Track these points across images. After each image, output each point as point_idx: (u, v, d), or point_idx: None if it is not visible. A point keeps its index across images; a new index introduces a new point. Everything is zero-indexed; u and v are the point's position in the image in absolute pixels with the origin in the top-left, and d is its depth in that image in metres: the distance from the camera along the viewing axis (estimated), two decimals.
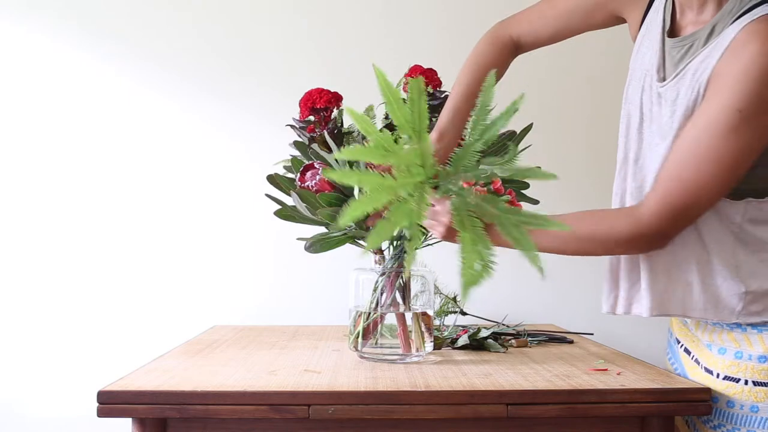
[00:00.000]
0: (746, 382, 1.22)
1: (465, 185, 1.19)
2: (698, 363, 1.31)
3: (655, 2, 1.31)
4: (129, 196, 2.13)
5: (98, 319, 2.11)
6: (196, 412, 1.17)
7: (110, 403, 1.17)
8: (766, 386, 1.21)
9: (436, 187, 1.18)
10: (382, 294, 1.43)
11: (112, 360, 2.06)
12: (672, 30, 1.28)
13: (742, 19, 1.15)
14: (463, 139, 1.34)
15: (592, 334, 1.86)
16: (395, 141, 1.16)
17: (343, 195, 1.36)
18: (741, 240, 1.21)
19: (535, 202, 1.46)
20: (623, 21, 1.38)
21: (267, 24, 2.16)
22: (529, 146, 1.47)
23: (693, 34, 1.23)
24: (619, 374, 1.32)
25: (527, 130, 1.47)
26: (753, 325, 1.22)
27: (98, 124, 2.13)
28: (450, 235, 1.19)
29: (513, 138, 1.46)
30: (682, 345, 1.36)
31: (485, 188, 1.27)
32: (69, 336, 2.10)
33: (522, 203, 1.39)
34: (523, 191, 1.46)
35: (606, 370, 1.37)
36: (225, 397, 1.17)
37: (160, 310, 2.12)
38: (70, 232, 2.12)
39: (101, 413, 1.17)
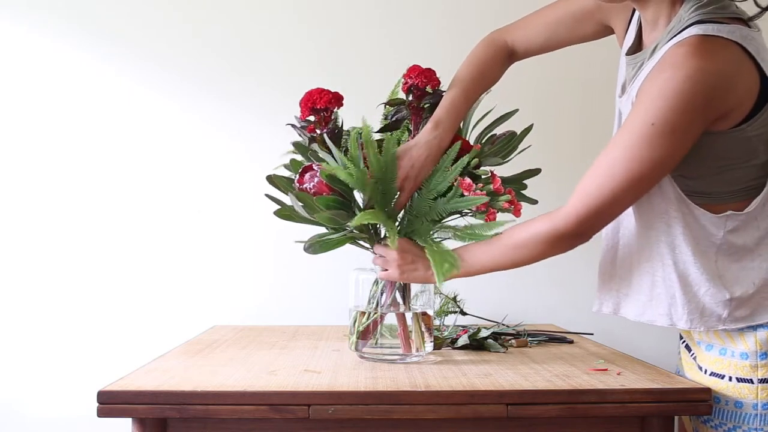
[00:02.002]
0: (730, 379, 1.24)
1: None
2: (695, 360, 1.33)
3: (634, 16, 1.34)
4: (129, 196, 2.13)
5: (98, 319, 2.11)
6: (196, 412, 1.17)
7: (110, 403, 1.17)
8: (748, 383, 1.22)
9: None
10: (382, 294, 1.43)
11: (112, 360, 2.06)
12: (640, 46, 1.31)
13: (675, 38, 1.18)
14: (458, 136, 1.42)
15: (592, 334, 1.86)
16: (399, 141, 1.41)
17: (341, 197, 1.36)
18: (723, 250, 1.23)
19: (534, 201, 1.47)
20: (612, 31, 1.42)
21: (267, 24, 2.16)
22: (529, 147, 1.48)
23: (643, 52, 1.27)
24: (619, 374, 1.33)
25: (527, 131, 1.47)
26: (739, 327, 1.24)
27: (98, 125, 2.13)
28: (401, 276, 1.37)
29: (513, 139, 1.46)
30: (684, 341, 1.37)
31: (483, 190, 1.33)
32: (69, 336, 2.10)
33: (522, 203, 1.41)
34: (522, 191, 1.46)
35: (606, 370, 1.37)
36: (225, 397, 1.17)
37: (160, 310, 2.12)
38: (69, 232, 2.12)
39: (101, 413, 1.17)
